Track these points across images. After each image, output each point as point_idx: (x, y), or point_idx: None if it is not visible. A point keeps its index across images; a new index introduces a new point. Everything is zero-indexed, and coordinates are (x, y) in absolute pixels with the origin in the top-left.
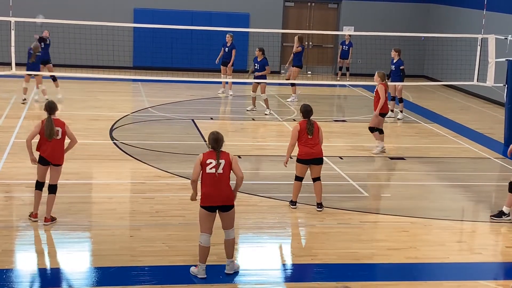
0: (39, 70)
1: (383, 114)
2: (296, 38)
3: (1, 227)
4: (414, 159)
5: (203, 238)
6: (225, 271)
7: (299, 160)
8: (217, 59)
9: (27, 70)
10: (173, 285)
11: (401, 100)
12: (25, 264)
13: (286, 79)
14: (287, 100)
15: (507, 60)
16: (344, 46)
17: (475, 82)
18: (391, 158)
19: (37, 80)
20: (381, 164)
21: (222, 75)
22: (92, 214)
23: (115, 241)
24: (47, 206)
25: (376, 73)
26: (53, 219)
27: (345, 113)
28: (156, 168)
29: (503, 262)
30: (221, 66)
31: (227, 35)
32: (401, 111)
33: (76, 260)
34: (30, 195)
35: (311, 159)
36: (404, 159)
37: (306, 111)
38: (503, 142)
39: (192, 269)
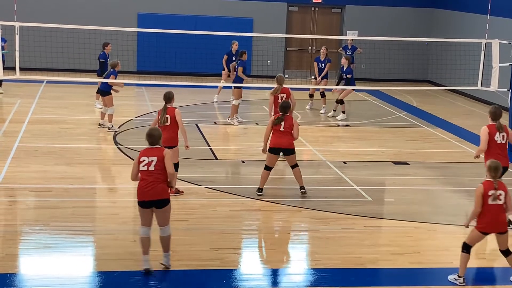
0: None
1: None
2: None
3: (5, 231)
4: (418, 164)
5: (142, 230)
6: (162, 263)
7: (269, 150)
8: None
9: None
10: None
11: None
12: (29, 268)
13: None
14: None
15: (511, 65)
16: (348, 51)
17: (479, 87)
18: (395, 163)
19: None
20: (385, 169)
21: (222, 80)
22: (95, 218)
23: (119, 246)
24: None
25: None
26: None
27: (349, 117)
28: None
29: (507, 267)
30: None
31: (235, 42)
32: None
33: (79, 265)
34: (34, 199)
35: (278, 148)
36: (408, 164)
37: (283, 107)
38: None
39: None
